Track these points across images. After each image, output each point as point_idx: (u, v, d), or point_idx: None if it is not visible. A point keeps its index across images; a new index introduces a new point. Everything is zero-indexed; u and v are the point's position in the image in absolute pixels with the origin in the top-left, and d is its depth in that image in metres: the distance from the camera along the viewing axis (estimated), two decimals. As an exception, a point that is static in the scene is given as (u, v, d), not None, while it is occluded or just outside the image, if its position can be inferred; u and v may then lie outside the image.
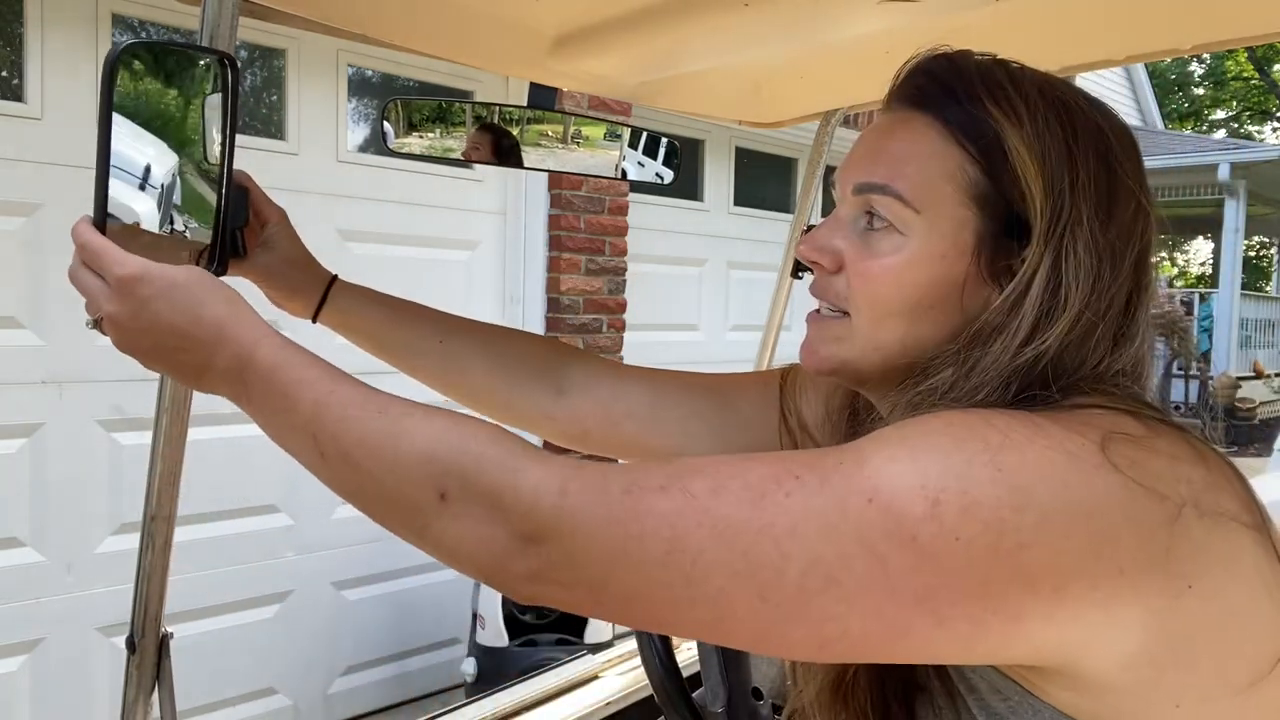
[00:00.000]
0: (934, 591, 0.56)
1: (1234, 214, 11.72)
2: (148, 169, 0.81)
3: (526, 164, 1.32)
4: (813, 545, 0.56)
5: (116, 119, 0.76)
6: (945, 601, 0.56)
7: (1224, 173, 11.32)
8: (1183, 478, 0.60)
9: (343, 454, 0.66)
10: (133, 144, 0.79)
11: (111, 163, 0.75)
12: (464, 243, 3.87)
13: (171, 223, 0.84)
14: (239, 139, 0.83)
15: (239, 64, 0.83)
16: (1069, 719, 0.62)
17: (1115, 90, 13.29)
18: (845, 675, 0.75)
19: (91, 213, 0.75)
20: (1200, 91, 24.16)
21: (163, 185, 0.82)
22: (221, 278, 0.89)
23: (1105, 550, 0.57)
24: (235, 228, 0.94)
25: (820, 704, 0.77)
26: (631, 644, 1.66)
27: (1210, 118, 24.28)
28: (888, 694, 0.73)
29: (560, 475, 0.60)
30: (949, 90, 0.72)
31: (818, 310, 0.79)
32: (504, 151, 1.30)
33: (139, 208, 0.81)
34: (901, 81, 0.76)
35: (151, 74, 0.81)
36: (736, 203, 5.07)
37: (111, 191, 0.77)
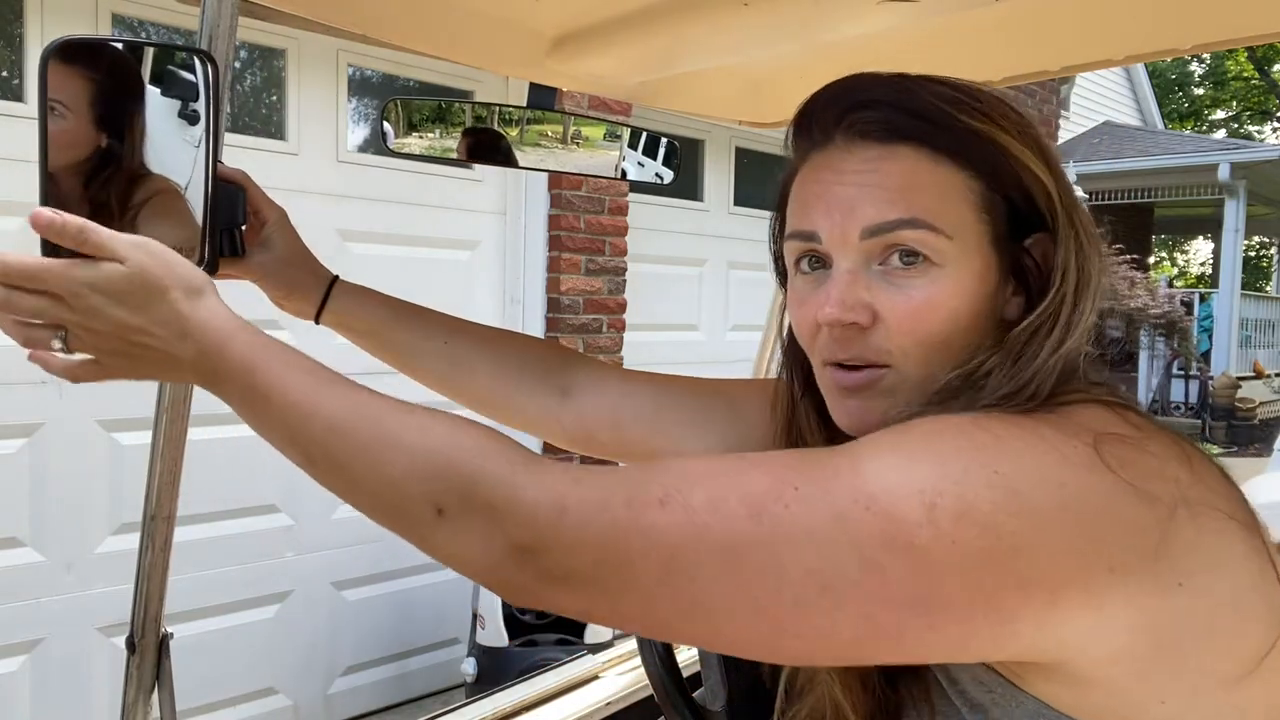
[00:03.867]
0: (928, 596, 0.56)
1: (1234, 214, 11.72)
2: (120, 164, 0.81)
3: (526, 164, 1.32)
4: (809, 557, 0.57)
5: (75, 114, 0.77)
6: (939, 605, 0.57)
7: (1224, 173, 11.31)
8: (1171, 476, 0.60)
9: (335, 465, 0.66)
10: (115, 140, 0.79)
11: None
12: (464, 243, 3.87)
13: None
14: (240, 139, 0.83)
15: (216, 61, 0.83)
16: (1052, 710, 0.62)
17: (1115, 90, 13.29)
18: None
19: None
20: (1200, 91, 24.16)
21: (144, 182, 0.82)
22: (215, 278, 0.89)
23: (1098, 551, 0.57)
24: (231, 227, 0.94)
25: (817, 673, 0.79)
26: (631, 644, 1.66)
27: (1210, 118, 24.28)
28: (876, 677, 0.75)
29: (558, 490, 0.59)
30: (919, 115, 0.71)
31: (840, 368, 0.74)
32: (504, 152, 1.30)
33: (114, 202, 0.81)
34: (851, 120, 0.73)
35: (125, 71, 0.81)
36: (736, 203, 5.07)
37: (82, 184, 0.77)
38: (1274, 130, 24.79)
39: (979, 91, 0.74)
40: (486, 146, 1.29)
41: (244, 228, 0.97)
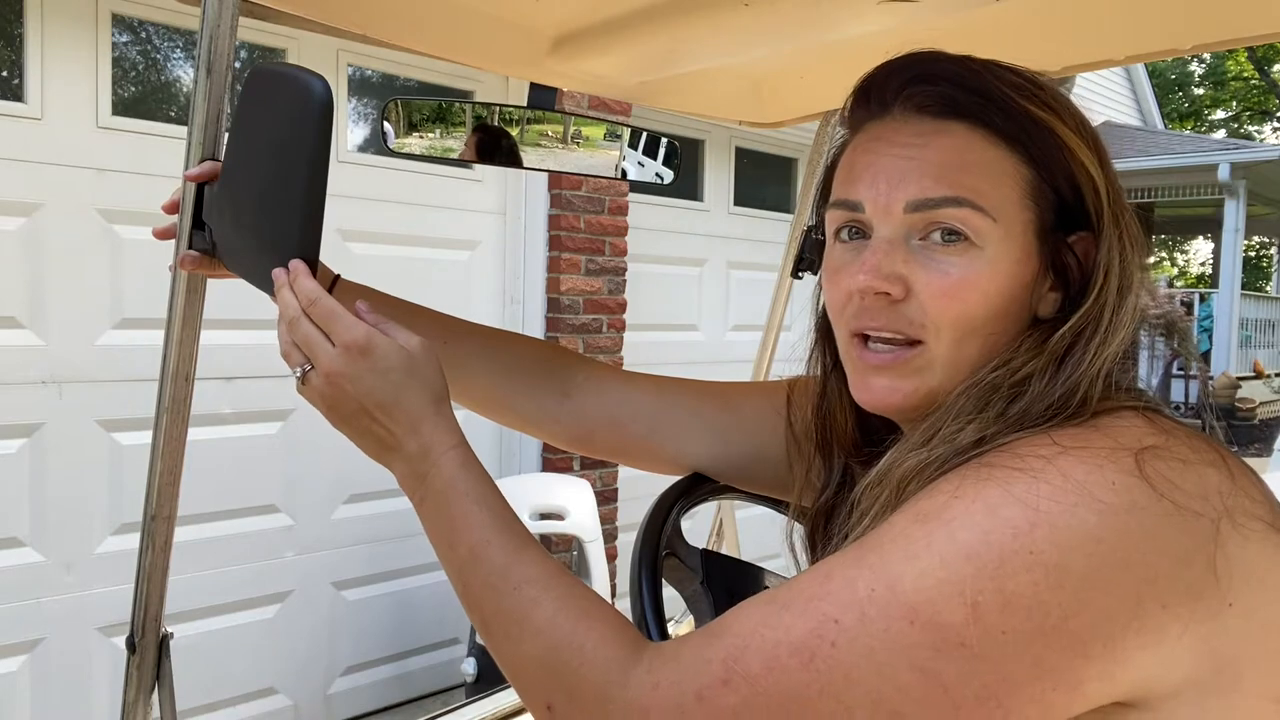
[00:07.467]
0: (994, 688, 0.57)
1: (1234, 214, 11.71)
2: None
3: (526, 164, 1.32)
4: (871, 686, 0.58)
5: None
6: (1007, 693, 0.57)
7: (1224, 173, 11.30)
8: (1213, 488, 0.60)
9: (479, 618, 0.71)
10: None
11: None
12: (464, 243, 3.87)
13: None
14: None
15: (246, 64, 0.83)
16: None
17: (1115, 90, 13.28)
18: None
19: (297, 249, 0.75)
20: (1200, 91, 24.16)
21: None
22: (217, 276, 0.90)
23: (1148, 591, 0.57)
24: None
25: None
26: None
27: (1210, 118, 24.28)
28: None
29: (643, 701, 0.62)
30: (981, 94, 0.71)
31: (863, 341, 0.75)
32: (504, 151, 1.30)
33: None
34: (911, 93, 0.73)
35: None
36: (736, 203, 5.07)
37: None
38: (1274, 130, 24.80)
39: (1043, 81, 0.73)
40: (486, 146, 1.29)
41: None
